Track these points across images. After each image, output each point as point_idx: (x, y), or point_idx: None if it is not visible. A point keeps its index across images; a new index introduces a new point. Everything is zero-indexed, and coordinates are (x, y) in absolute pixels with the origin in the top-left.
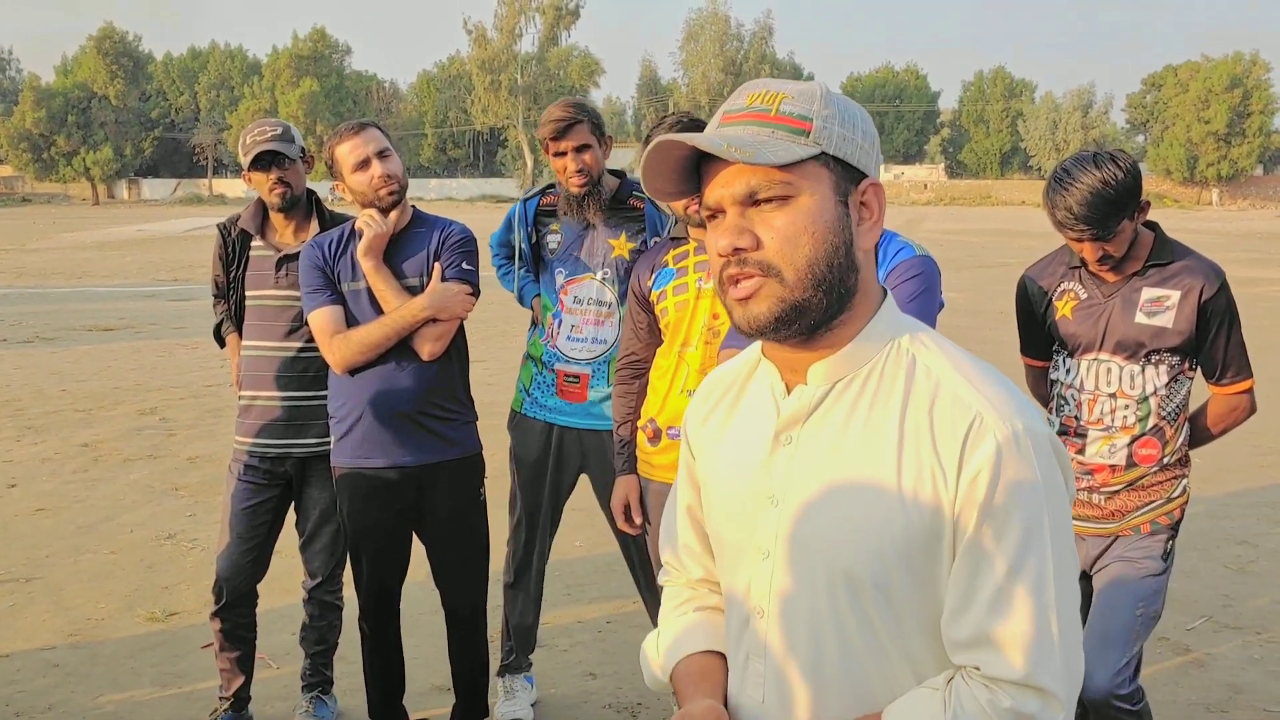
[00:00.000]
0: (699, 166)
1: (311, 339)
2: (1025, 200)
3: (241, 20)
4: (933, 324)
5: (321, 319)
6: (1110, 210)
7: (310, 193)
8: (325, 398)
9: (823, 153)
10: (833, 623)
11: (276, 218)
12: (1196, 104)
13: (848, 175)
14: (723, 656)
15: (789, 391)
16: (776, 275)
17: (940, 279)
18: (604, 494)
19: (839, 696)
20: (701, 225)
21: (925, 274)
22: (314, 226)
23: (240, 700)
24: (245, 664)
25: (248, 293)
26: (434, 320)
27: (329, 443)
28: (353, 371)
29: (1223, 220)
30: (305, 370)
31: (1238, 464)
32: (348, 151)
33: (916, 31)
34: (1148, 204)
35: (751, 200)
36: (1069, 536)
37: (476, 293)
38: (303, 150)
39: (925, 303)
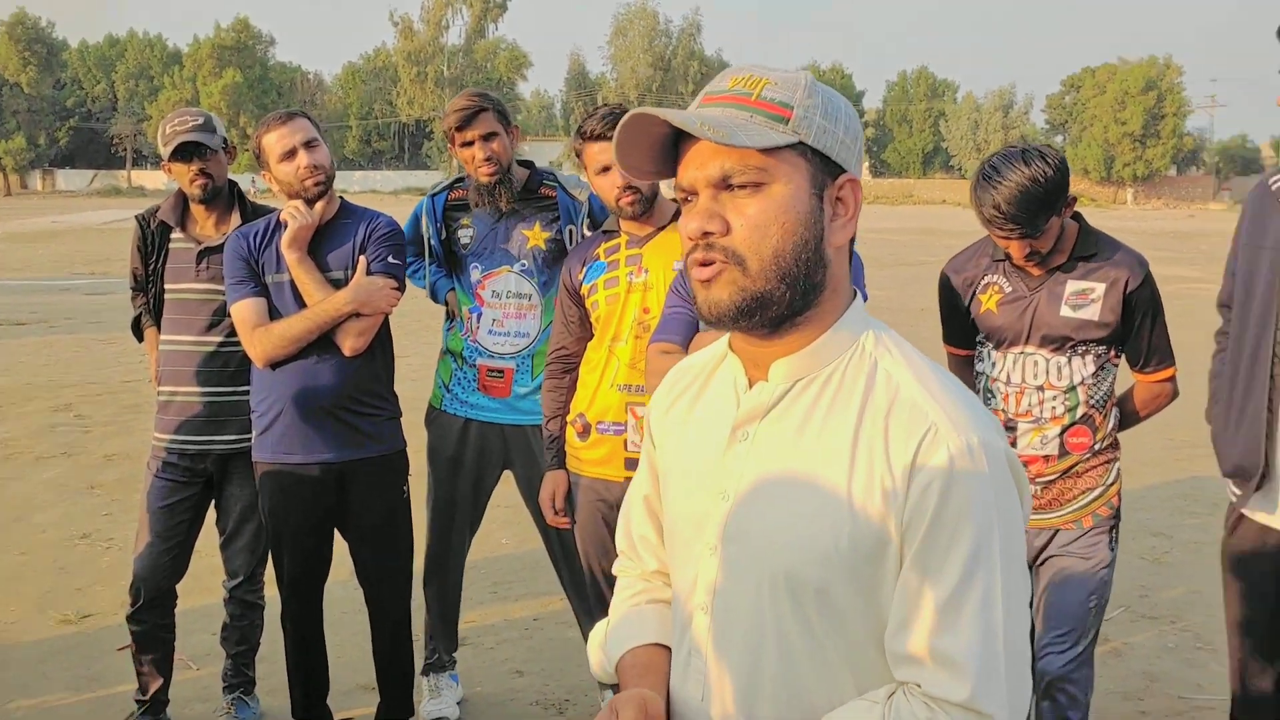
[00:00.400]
0: (676, 147)
1: (233, 333)
2: (946, 199)
3: (161, 9)
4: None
5: (244, 311)
6: (1039, 208)
7: (232, 184)
8: (246, 393)
9: (801, 142)
10: (773, 625)
11: (197, 209)
12: (1113, 105)
13: (826, 168)
14: (669, 650)
15: (751, 386)
16: (740, 264)
17: (864, 272)
18: (529, 490)
19: (775, 701)
20: (633, 218)
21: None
22: (235, 218)
23: (158, 703)
24: (164, 666)
25: (167, 286)
26: (357, 315)
27: (250, 439)
28: (274, 365)
29: (1137, 219)
30: (226, 365)
31: (1153, 457)
32: (275, 141)
33: (841, 31)
34: (1074, 199)
35: (725, 184)
36: (1021, 557)
37: (402, 287)
38: (225, 141)
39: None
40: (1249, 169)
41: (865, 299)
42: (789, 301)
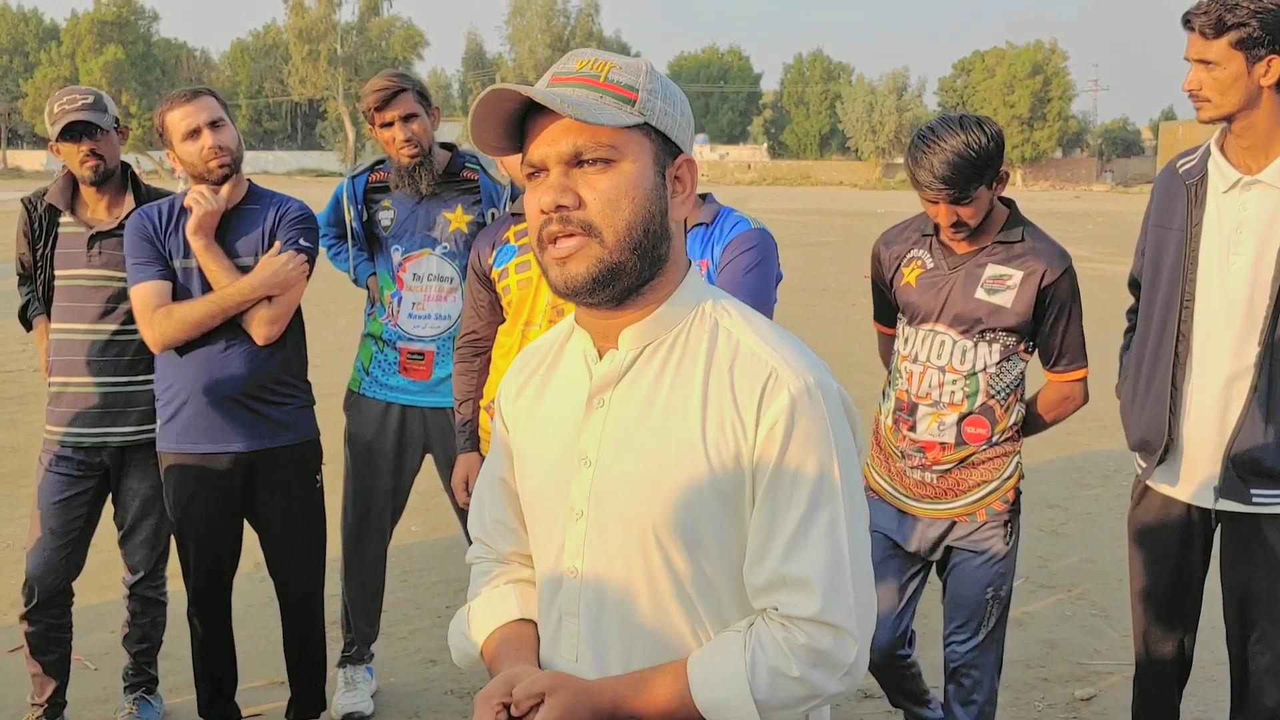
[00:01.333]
0: (524, 124)
1: (128, 320)
2: (843, 181)
3: None
4: (771, 294)
5: (145, 292)
6: (971, 174)
7: (125, 166)
8: (144, 382)
9: (646, 123)
10: (644, 577)
11: (88, 192)
12: (1002, 89)
13: (666, 148)
14: (534, 625)
15: (601, 356)
16: (597, 236)
17: (777, 251)
18: (447, 473)
19: (651, 649)
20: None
21: (761, 245)
22: (129, 201)
23: (55, 706)
24: (60, 668)
25: (57, 272)
26: (269, 300)
27: (149, 430)
28: (180, 352)
29: (1026, 200)
30: (121, 354)
31: (1047, 432)
32: (178, 119)
33: (739, 13)
34: (1007, 175)
35: (576, 160)
36: (859, 485)
37: (311, 267)
38: (116, 121)
39: (763, 273)
40: (1130, 151)
41: (780, 278)
42: (639, 272)
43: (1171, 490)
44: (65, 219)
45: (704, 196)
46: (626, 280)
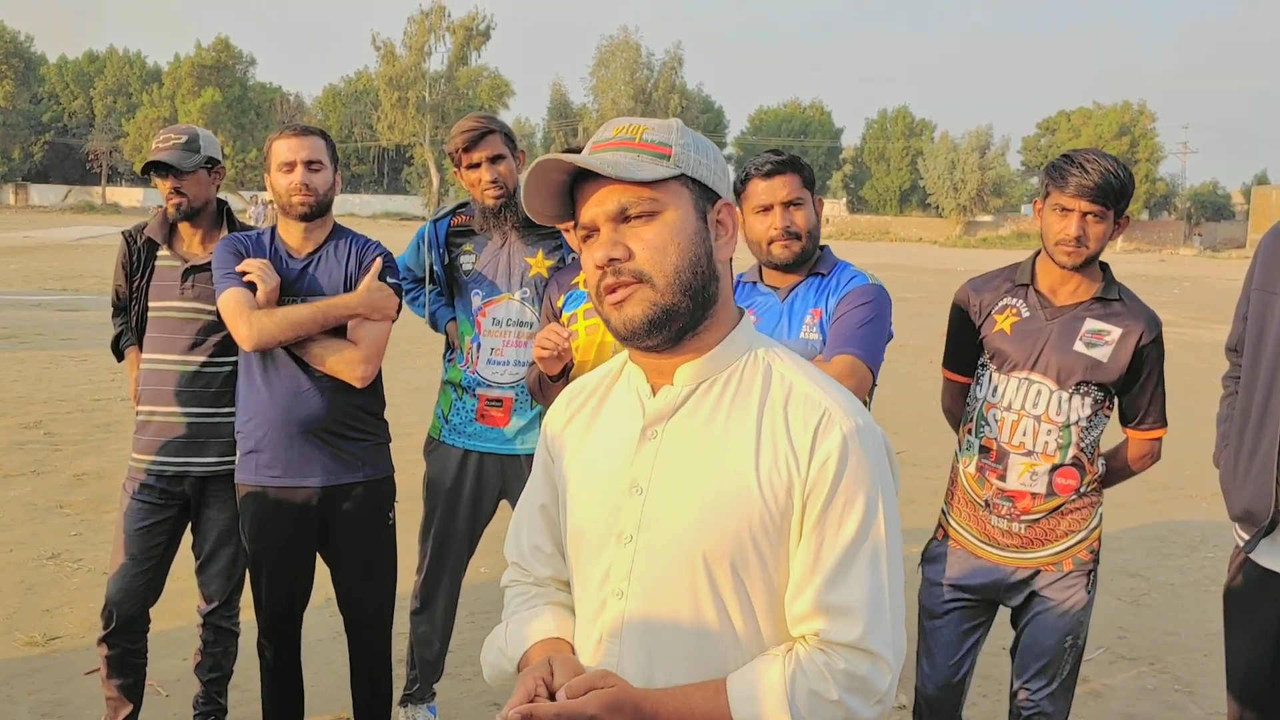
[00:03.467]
0: (573, 192)
1: (216, 353)
2: (922, 237)
3: (142, 26)
4: (881, 350)
5: (237, 295)
6: (1113, 193)
7: (221, 203)
8: (227, 414)
9: (682, 174)
10: (691, 602)
11: (183, 227)
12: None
13: (705, 195)
14: (570, 645)
15: (654, 393)
16: (648, 281)
17: (891, 309)
18: None
19: (692, 671)
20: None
21: (877, 301)
22: (222, 237)
23: None
24: (134, 692)
25: (151, 304)
26: (362, 326)
27: (230, 461)
28: (266, 386)
29: (1111, 262)
30: (208, 385)
31: (1129, 499)
32: (282, 149)
33: (823, 69)
34: (1128, 221)
35: (623, 216)
36: (896, 522)
37: (397, 308)
38: (210, 160)
39: (876, 329)
40: (1219, 215)
41: (891, 336)
42: (691, 312)
43: (1276, 564)
44: (162, 253)
45: (822, 248)
46: (680, 320)
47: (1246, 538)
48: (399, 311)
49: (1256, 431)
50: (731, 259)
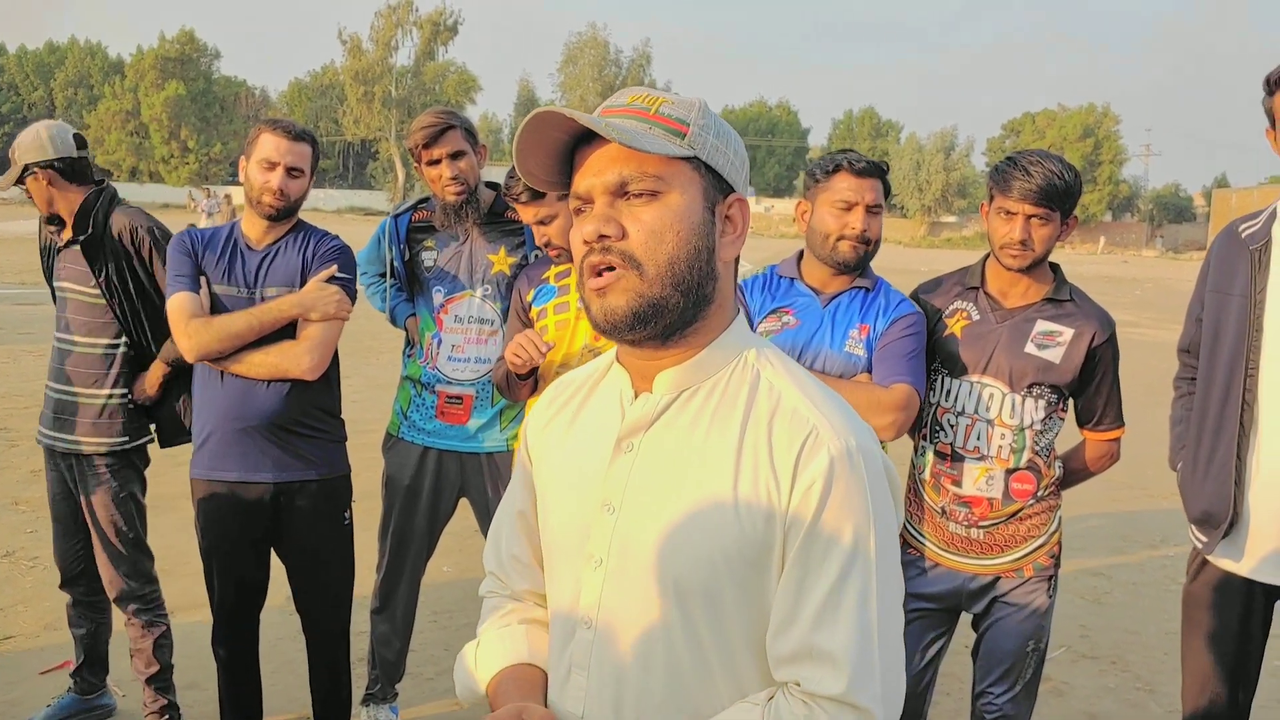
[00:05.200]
0: (572, 159)
1: (87, 333)
2: (888, 237)
3: (104, 18)
4: (925, 378)
5: (182, 302)
6: (1059, 195)
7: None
8: (92, 395)
9: (696, 157)
10: (661, 636)
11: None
12: (1053, 151)
13: (717, 185)
14: (544, 671)
15: (637, 398)
16: (637, 268)
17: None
18: (484, 517)
19: (663, 711)
20: (560, 259)
21: (921, 331)
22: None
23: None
24: (92, 645)
25: (55, 284)
26: (309, 335)
27: (100, 443)
28: (220, 380)
29: (1073, 263)
30: (77, 365)
31: (1091, 497)
32: (269, 145)
33: (791, 68)
34: (1075, 223)
35: (622, 191)
36: (896, 558)
37: (351, 299)
38: (48, 162)
39: (922, 359)
40: (1181, 217)
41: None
42: (681, 310)
43: (1234, 565)
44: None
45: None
46: (669, 317)
47: (1204, 539)
48: (351, 306)
49: (1214, 434)
50: (738, 259)
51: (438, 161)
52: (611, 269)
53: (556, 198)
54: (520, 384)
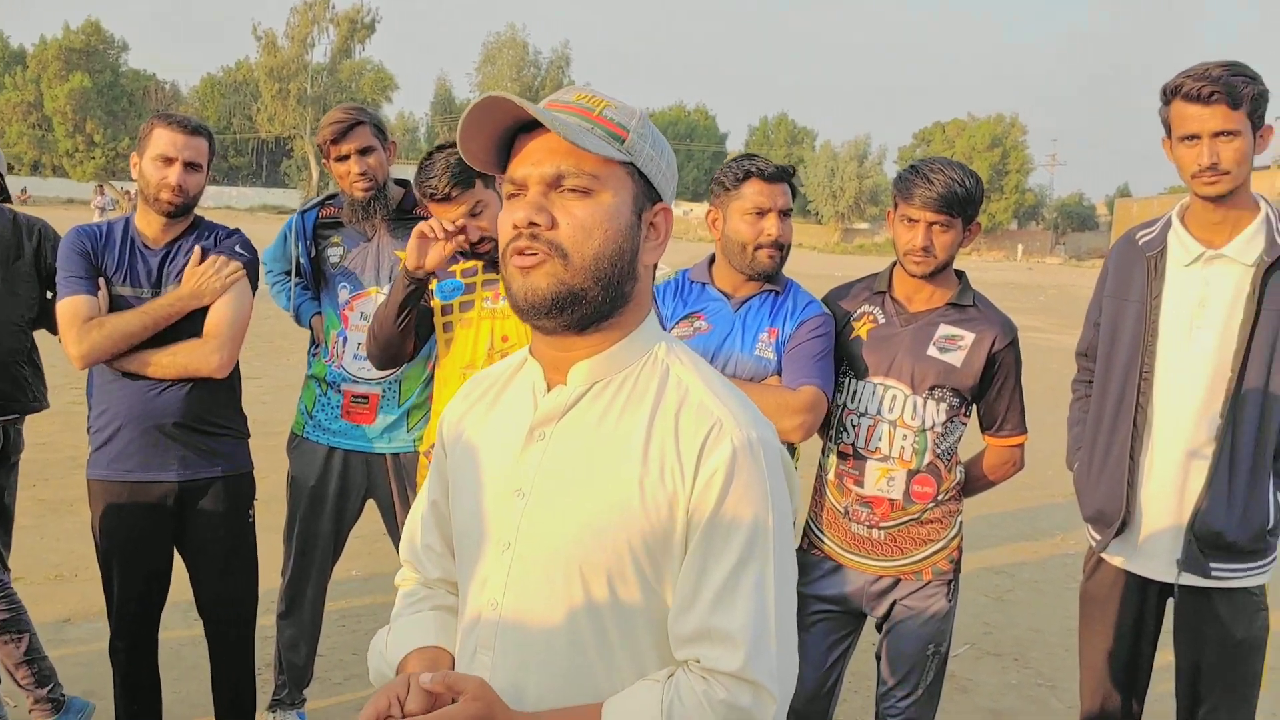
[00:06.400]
0: (511, 146)
1: None
2: (802, 243)
3: (4, 6)
4: (833, 378)
5: (76, 305)
6: (959, 203)
7: None
8: None
9: (631, 163)
10: (565, 617)
11: None
12: (961, 160)
13: (647, 193)
14: (451, 654)
15: (550, 390)
16: (563, 258)
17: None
18: (390, 519)
19: (566, 689)
20: (477, 256)
21: (829, 332)
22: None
23: None
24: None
25: None
26: (215, 333)
27: None
28: (123, 377)
29: (980, 269)
30: None
31: (995, 497)
32: (164, 141)
33: (708, 72)
34: (978, 229)
35: (557, 183)
36: (790, 545)
37: (253, 281)
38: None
39: (830, 360)
40: (1084, 225)
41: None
42: (599, 303)
43: (1127, 563)
44: None
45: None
46: (586, 308)
47: (1099, 538)
48: (255, 285)
49: (1109, 435)
50: (656, 265)
51: (346, 157)
52: (536, 255)
53: (474, 190)
54: (402, 308)
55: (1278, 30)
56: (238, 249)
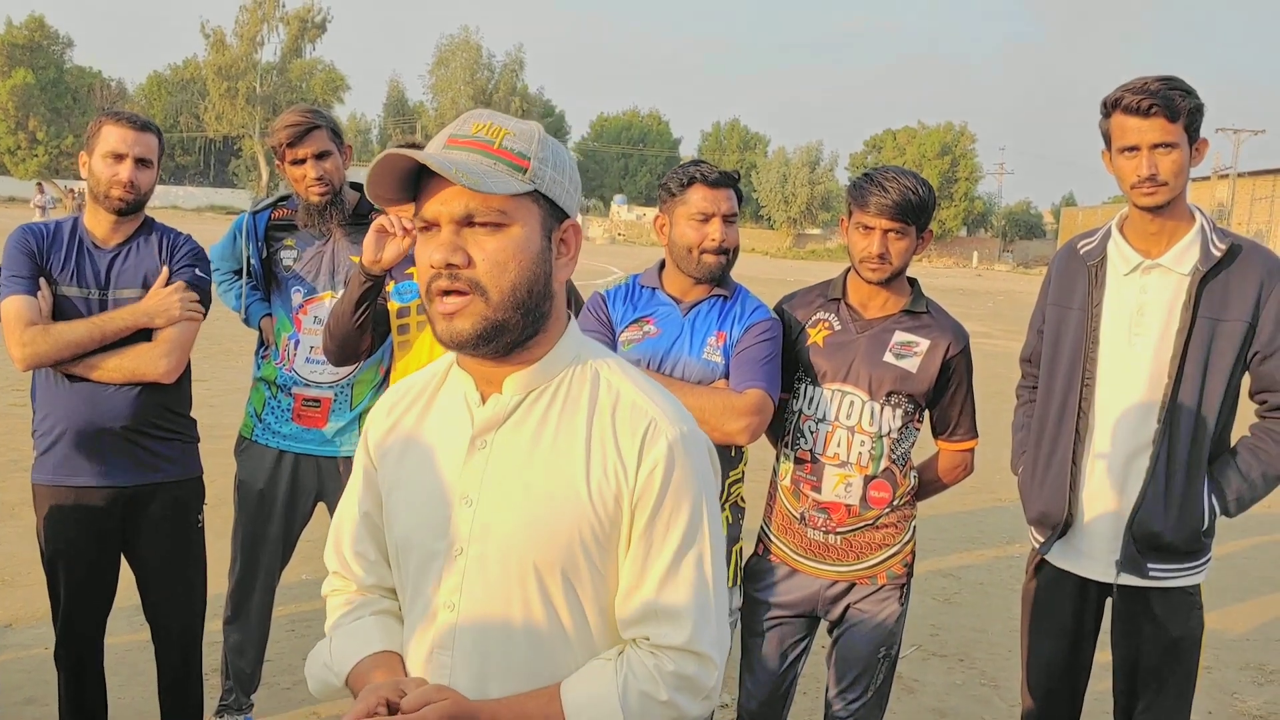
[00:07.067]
0: (419, 179)
1: None
2: (755, 248)
3: None
4: (779, 381)
5: (16, 306)
6: (913, 210)
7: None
8: None
9: (536, 190)
10: (522, 612)
11: None
12: (912, 167)
13: (554, 213)
14: (400, 656)
15: (484, 401)
16: (483, 294)
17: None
18: None
19: (526, 681)
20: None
21: (776, 336)
22: None
23: None
24: None
25: None
26: (164, 337)
27: None
28: (69, 381)
29: (930, 276)
30: None
31: (941, 500)
32: (113, 137)
33: (661, 77)
34: (931, 236)
35: (468, 221)
36: (719, 520)
37: (206, 303)
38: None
39: (776, 364)
40: (1032, 233)
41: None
42: (522, 329)
43: (1069, 564)
44: None
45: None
46: (510, 336)
47: (1042, 539)
48: (202, 308)
49: (1053, 439)
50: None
51: (302, 161)
52: (459, 294)
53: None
54: (359, 305)
55: (1210, 49)
56: (198, 272)
